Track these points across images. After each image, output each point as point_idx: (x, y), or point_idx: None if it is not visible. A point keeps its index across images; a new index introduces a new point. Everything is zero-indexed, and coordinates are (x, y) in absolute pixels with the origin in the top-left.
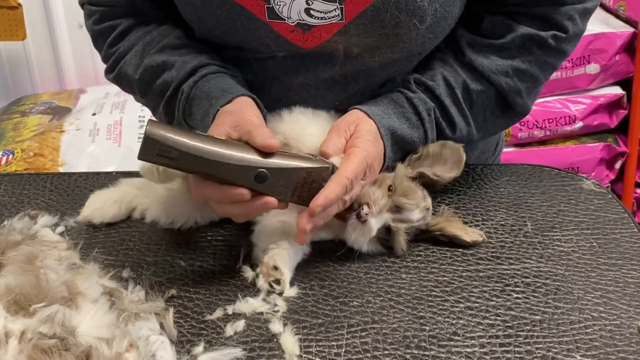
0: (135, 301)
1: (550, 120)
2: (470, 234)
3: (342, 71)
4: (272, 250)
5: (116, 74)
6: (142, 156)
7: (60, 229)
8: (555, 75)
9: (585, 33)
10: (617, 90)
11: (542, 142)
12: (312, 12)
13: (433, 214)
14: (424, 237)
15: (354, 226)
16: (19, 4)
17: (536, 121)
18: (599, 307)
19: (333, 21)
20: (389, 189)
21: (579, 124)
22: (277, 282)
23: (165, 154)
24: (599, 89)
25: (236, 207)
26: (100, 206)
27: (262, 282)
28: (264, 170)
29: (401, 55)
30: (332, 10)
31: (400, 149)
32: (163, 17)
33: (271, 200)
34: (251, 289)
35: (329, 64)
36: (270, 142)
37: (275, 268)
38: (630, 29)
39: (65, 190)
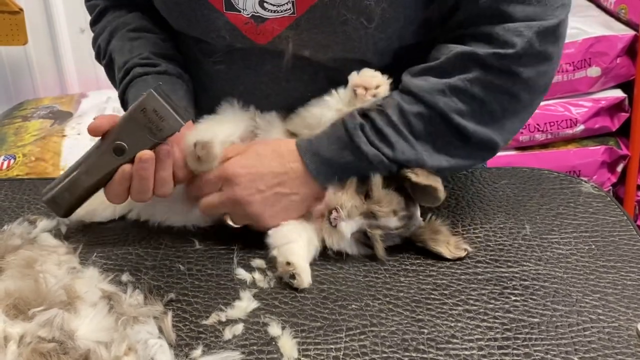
0: (134, 305)
1: (552, 124)
2: (453, 250)
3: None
4: (284, 247)
5: (95, 56)
6: (56, 214)
7: (60, 233)
8: (556, 78)
9: (587, 36)
10: (619, 93)
11: (543, 145)
12: (265, 4)
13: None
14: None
15: (328, 231)
16: (21, 9)
17: (537, 124)
18: (598, 310)
19: (285, 14)
20: (367, 196)
21: (581, 127)
22: (294, 277)
23: (59, 201)
24: (600, 92)
25: (136, 182)
26: (94, 208)
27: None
28: (116, 142)
29: (355, 55)
30: (284, 4)
31: (332, 168)
32: (137, 2)
33: (143, 152)
34: (251, 290)
35: (279, 63)
36: (92, 125)
37: (288, 264)
38: (632, 32)
39: None
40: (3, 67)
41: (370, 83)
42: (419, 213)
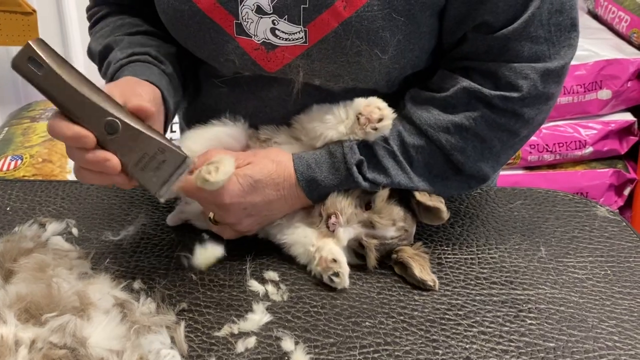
0: (146, 313)
1: (561, 145)
2: (423, 272)
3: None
4: (327, 246)
5: (88, 51)
6: (16, 59)
7: (71, 237)
8: (566, 99)
9: (598, 59)
10: (628, 117)
11: (551, 165)
12: (277, 32)
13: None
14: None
15: (324, 235)
16: (34, 10)
17: (546, 145)
18: (614, 337)
19: (297, 43)
20: (368, 206)
21: (589, 149)
22: (337, 274)
23: (34, 65)
24: (610, 114)
25: (79, 152)
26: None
27: (325, 277)
28: (116, 120)
29: (366, 85)
30: (296, 33)
31: (328, 192)
32: (140, 12)
33: (113, 157)
34: (264, 302)
35: (286, 90)
36: (143, 105)
37: (334, 261)
38: None
39: (77, 199)
40: None
41: (373, 116)
42: (414, 230)
